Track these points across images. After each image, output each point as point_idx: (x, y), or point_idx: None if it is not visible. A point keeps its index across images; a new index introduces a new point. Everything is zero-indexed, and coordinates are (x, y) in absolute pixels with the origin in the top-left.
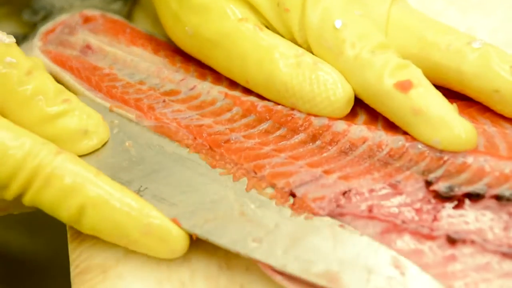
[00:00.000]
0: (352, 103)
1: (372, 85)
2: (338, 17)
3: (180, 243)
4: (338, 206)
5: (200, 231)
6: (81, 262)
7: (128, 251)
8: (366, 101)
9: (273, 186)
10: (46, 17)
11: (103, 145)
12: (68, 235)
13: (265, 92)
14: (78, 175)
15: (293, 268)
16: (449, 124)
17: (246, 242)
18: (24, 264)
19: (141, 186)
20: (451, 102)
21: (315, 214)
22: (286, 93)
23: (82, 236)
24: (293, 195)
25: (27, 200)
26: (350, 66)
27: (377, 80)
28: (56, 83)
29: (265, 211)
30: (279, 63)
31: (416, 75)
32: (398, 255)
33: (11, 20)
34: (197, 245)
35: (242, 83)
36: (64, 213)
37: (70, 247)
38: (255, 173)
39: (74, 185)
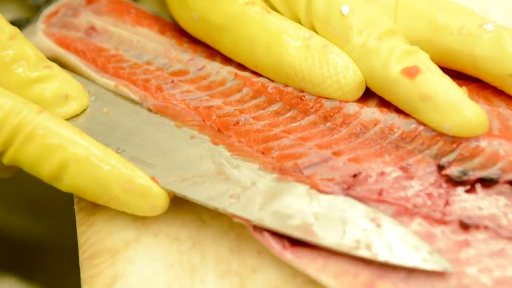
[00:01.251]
0: (363, 87)
1: (379, 72)
2: (345, 3)
3: (161, 199)
4: (348, 188)
5: (178, 189)
6: (90, 246)
7: (138, 235)
8: (374, 89)
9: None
10: (49, 0)
11: (82, 112)
12: (77, 219)
13: (274, 76)
14: (60, 133)
15: (269, 222)
16: (459, 109)
17: (223, 198)
18: (27, 247)
19: (119, 148)
20: (461, 86)
21: (324, 192)
22: (295, 76)
23: (91, 220)
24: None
25: (8, 158)
26: (357, 54)
27: (383, 67)
28: (37, 50)
29: (242, 171)
30: (288, 46)
31: (423, 60)
32: (374, 209)
33: (14, 3)
34: (207, 228)
35: (251, 67)
36: (45, 170)
37: (79, 231)
38: (264, 155)
39: (56, 142)
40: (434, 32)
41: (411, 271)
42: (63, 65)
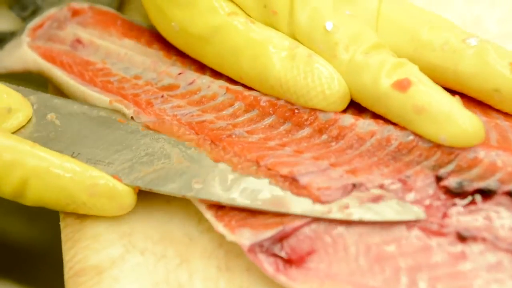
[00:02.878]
0: (348, 98)
1: (369, 87)
2: (328, 19)
3: (128, 197)
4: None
5: (143, 183)
6: (75, 263)
7: (124, 252)
8: (365, 105)
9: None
10: (35, 12)
11: (27, 122)
12: (62, 236)
13: (260, 87)
14: (14, 149)
15: (240, 200)
16: (454, 119)
17: (190, 185)
18: (22, 251)
19: (73, 152)
20: (453, 95)
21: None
22: (280, 88)
23: (76, 237)
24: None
25: None
26: (345, 69)
27: (374, 82)
28: None
29: (201, 155)
30: (273, 57)
31: (413, 72)
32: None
33: (1, 17)
34: (195, 245)
35: (236, 79)
36: (6, 189)
37: (64, 247)
38: (258, 163)
39: (12, 159)
40: (416, 48)
41: None
42: (48, 79)
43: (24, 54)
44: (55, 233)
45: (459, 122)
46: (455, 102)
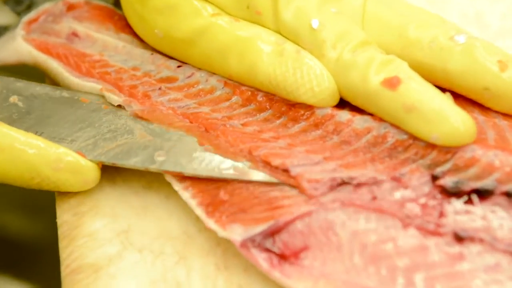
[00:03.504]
0: (338, 94)
1: (358, 85)
2: (314, 17)
3: (92, 172)
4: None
5: (106, 158)
6: (72, 261)
7: (122, 249)
8: (354, 103)
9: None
10: (30, 7)
11: None
12: (59, 233)
13: (250, 84)
14: None
15: (202, 171)
16: (446, 118)
17: (153, 158)
18: (23, 247)
19: (37, 131)
20: (444, 92)
21: (309, 196)
22: (269, 84)
23: (73, 234)
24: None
25: None
26: (333, 68)
27: (362, 80)
28: None
29: (164, 129)
30: (261, 53)
31: (403, 69)
32: None
33: None
34: (193, 242)
35: (225, 77)
36: None
37: (61, 245)
38: (251, 153)
39: None
40: (404, 47)
41: None
42: (44, 71)
43: (18, 46)
44: (56, 229)
45: (450, 121)
46: (446, 100)
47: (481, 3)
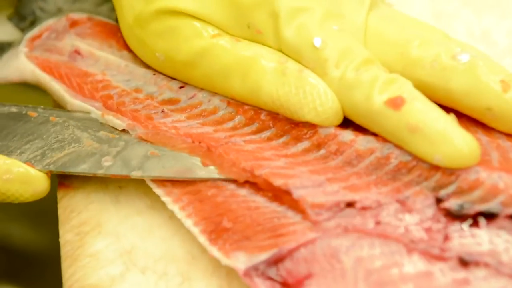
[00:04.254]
0: (341, 114)
1: (362, 105)
2: (316, 35)
3: (41, 182)
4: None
5: (55, 167)
6: (75, 282)
7: (125, 270)
8: (358, 122)
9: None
10: (33, 23)
11: None
12: (62, 253)
13: (253, 104)
14: None
15: (151, 173)
16: (449, 139)
17: (100, 163)
18: (27, 257)
19: None
20: (447, 112)
21: (312, 222)
22: (273, 104)
23: (76, 254)
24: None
25: None
26: (337, 87)
27: (366, 99)
28: None
29: (110, 136)
30: (264, 73)
31: (407, 89)
32: None
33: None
34: (197, 263)
35: (228, 98)
36: None
37: (63, 265)
38: (252, 172)
39: None
40: (406, 65)
41: None
42: (46, 90)
43: (21, 64)
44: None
45: (454, 142)
46: (450, 121)
47: (487, 21)
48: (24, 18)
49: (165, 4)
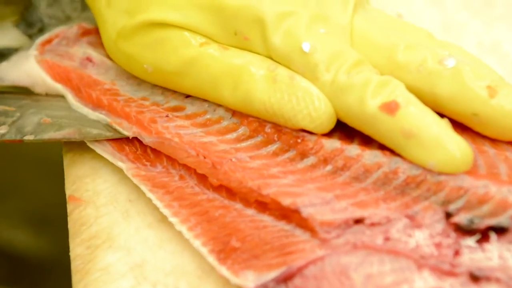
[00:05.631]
0: (335, 118)
1: (355, 109)
2: (304, 39)
3: None
4: (349, 234)
5: None
6: None
7: (136, 284)
8: (352, 125)
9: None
10: (41, 30)
11: None
12: (72, 267)
13: (247, 113)
14: None
15: (42, 137)
16: (443, 145)
17: None
18: (28, 263)
19: None
20: (442, 116)
21: (321, 239)
22: (266, 112)
23: (86, 268)
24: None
25: None
26: (328, 91)
27: (359, 103)
28: None
29: (8, 109)
30: (255, 82)
31: (400, 92)
32: None
33: (4, 33)
34: (208, 278)
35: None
36: None
37: (74, 279)
38: (260, 192)
39: None
40: (393, 70)
41: None
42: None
43: (31, 68)
44: (62, 245)
45: (447, 148)
46: (444, 126)
47: (497, 32)
48: (32, 25)
49: (150, 17)
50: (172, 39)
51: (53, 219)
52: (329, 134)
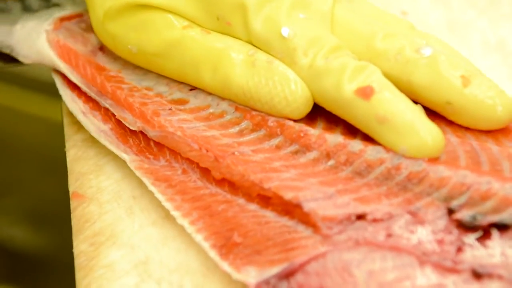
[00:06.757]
0: (311, 103)
1: (331, 93)
2: (284, 25)
3: None
4: (351, 230)
5: None
6: None
7: (140, 282)
8: (329, 109)
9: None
10: (57, 4)
11: None
12: (76, 264)
13: (226, 97)
14: None
15: None
16: (415, 130)
17: None
18: (28, 260)
19: None
20: (415, 103)
21: (323, 235)
22: (244, 96)
23: (90, 265)
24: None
25: None
26: (306, 75)
27: (336, 88)
28: None
29: None
30: (234, 65)
31: (376, 78)
32: None
33: None
34: (212, 275)
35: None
36: None
37: (78, 276)
38: (262, 185)
39: None
40: (371, 57)
41: None
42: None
43: (41, 47)
44: (63, 242)
45: (419, 133)
46: (418, 112)
47: (503, 30)
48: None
49: None
50: (156, 21)
51: (53, 216)
52: (332, 129)
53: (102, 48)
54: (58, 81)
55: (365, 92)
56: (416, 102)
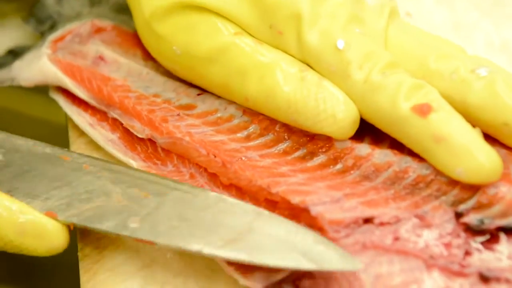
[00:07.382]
0: (357, 125)
1: (386, 109)
2: (339, 37)
3: (58, 238)
4: (358, 233)
5: (78, 220)
6: None
7: (144, 285)
8: (379, 127)
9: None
10: (52, 27)
11: None
12: (80, 267)
13: (265, 109)
14: None
15: (176, 244)
16: (473, 153)
17: (126, 224)
18: (29, 262)
19: (12, 186)
20: (474, 126)
21: (330, 239)
22: (288, 108)
23: (95, 268)
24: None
25: None
26: (359, 90)
27: (391, 104)
28: None
29: (143, 195)
30: (282, 79)
31: (434, 96)
32: None
33: (14, 30)
34: (217, 277)
35: (241, 101)
36: None
37: (82, 279)
38: (269, 190)
39: None
40: (425, 76)
41: None
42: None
43: (44, 66)
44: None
45: (477, 157)
46: (476, 134)
47: (507, 31)
48: (42, 22)
49: None
50: (205, 25)
51: None
52: None
53: (102, 57)
54: (61, 99)
55: (422, 110)
56: (472, 125)
